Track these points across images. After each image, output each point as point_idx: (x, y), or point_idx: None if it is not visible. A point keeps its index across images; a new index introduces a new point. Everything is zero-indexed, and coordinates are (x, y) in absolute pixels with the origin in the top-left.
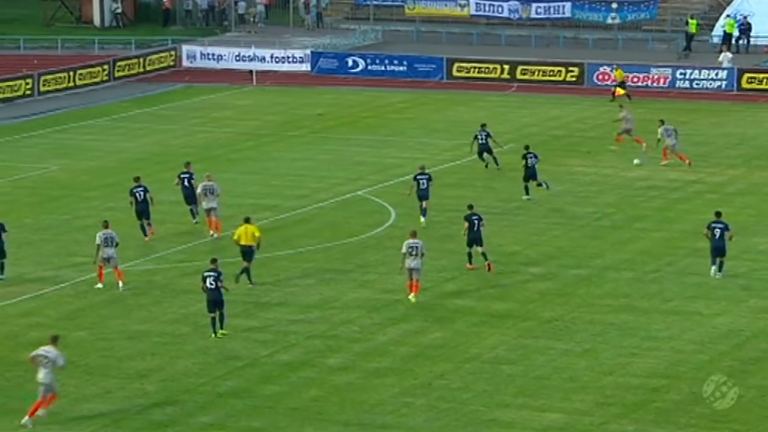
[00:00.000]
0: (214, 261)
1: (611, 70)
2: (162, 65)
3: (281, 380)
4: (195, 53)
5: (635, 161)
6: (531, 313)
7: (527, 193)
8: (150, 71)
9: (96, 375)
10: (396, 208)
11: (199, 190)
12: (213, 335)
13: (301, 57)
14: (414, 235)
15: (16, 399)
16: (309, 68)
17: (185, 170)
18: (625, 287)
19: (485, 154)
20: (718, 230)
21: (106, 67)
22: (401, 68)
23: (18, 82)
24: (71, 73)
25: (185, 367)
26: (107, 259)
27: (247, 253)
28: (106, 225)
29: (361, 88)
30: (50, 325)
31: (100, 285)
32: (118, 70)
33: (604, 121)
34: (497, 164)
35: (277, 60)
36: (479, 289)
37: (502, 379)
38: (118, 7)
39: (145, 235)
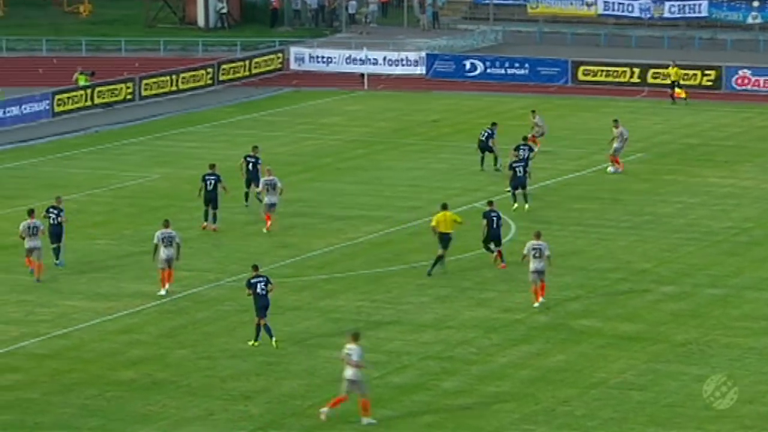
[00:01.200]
0: (256, 267)
1: (669, 67)
2: (268, 68)
3: (393, 404)
4: (303, 55)
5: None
6: (662, 335)
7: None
8: (256, 75)
9: (198, 396)
10: (516, 221)
11: (260, 186)
12: (254, 342)
13: (415, 60)
14: (538, 236)
15: (115, 420)
16: (424, 71)
17: (252, 153)
18: (765, 308)
19: (486, 153)
20: None
21: (210, 70)
22: (522, 72)
23: (119, 86)
24: (174, 77)
25: (291, 389)
26: (167, 261)
27: (446, 239)
28: (166, 224)
29: (479, 92)
30: (151, 342)
31: (162, 291)
32: (222, 74)
33: (743, 129)
34: (497, 164)
35: (389, 63)
36: (606, 308)
37: (631, 407)
38: (223, 7)
39: (205, 220)
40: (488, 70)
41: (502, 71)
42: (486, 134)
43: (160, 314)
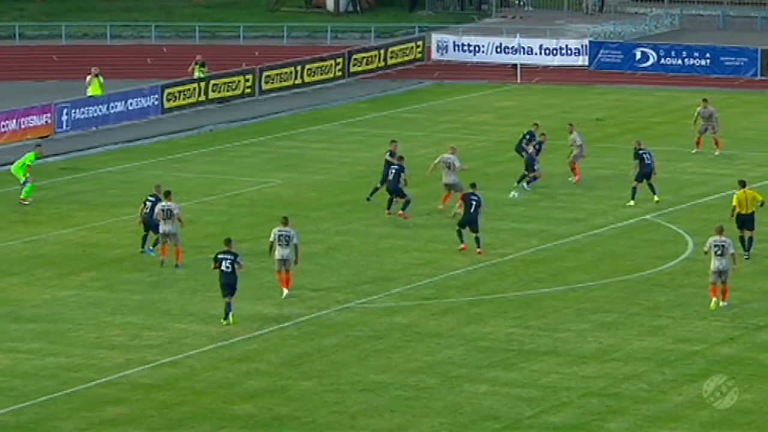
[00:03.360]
0: (228, 242)
1: None
2: (407, 58)
3: None
4: (447, 44)
5: (512, 194)
6: None
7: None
8: (392, 66)
9: None
10: (694, 236)
11: (437, 160)
12: (224, 321)
13: (576, 48)
14: (720, 231)
15: None
16: (587, 62)
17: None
18: None
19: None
20: None
21: (339, 60)
22: (703, 62)
23: (236, 78)
24: (299, 68)
25: (431, 428)
26: (283, 261)
27: (747, 221)
28: (285, 221)
29: (651, 86)
30: (272, 372)
31: (285, 292)
32: (354, 65)
33: None
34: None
35: (547, 52)
36: None
37: None
38: None
39: (388, 208)
40: (662, 61)
41: (679, 62)
42: (526, 138)
43: (282, 340)
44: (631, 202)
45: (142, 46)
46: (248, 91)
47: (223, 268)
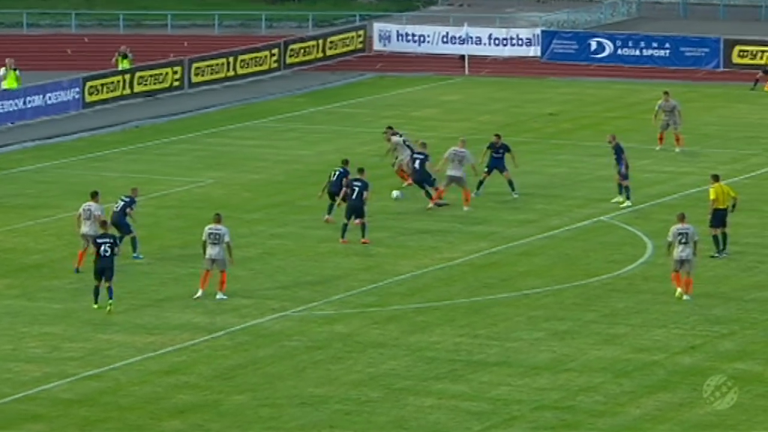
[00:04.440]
0: (104, 224)
1: None
2: (347, 49)
3: None
4: (390, 33)
5: (394, 193)
6: None
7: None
8: (331, 57)
9: None
10: (653, 238)
11: (446, 154)
12: (95, 305)
13: (528, 38)
14: (682, 218)
15: None
16: (539, 53)
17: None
18: None
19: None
20: None
21: (275, 51)
22: (662, 53)
23: (164, 71)
24: (231, 60)
25: None
26: (212, 261)
27: (724, 216)
28: (217, 219)
29: (607, 79)
30: (203, 385)
31: (199, 293)
32: (290, 56)
33: None
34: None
35: (496, 42)
36: None
37: None
38: None
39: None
40: (619, 51)
41: (637, 52)
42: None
43: (214, 351)
44: (628, 202)
45: (61, 35)
46: (176, 84)
47: (101, 252)
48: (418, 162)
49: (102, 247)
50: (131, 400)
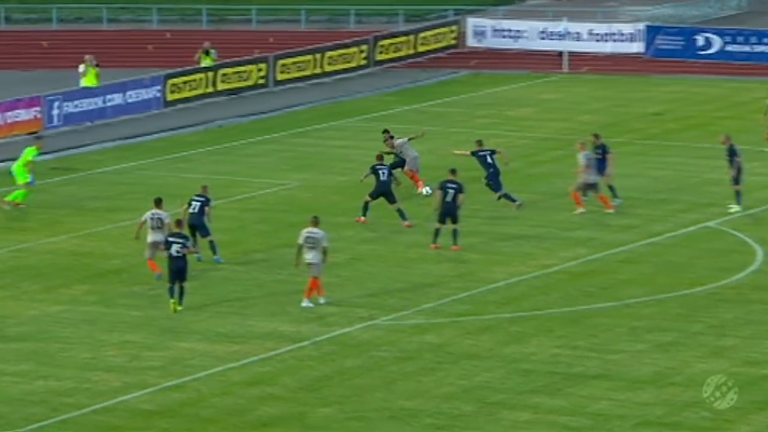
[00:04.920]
0: (178, 223)
1: None
2: (439, 45)
3: None
4: (485, 29)
5: (424, 190)
6: None
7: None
8: (423, 53)
9: None
10: (764, 245)
11: (583, 161)
12: (173, 307)
13: (631, 33)
14: None
15: None
16: (642, 49)
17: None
18: None
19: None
20: None
21: (364, 48)
22: None
23: (248, 68)
24: (318, 57)
25: None
26: (311, 266)
27: None
28: (314, 222)
29: (715, 77)
30: (287, 397)
31: (305, 303)
32: (380, 52)
33: None
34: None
35: (597, 38)
36: None
37: None
38: None
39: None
40: (728, 47)
41: (747, 48)
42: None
43: (299, 361)
44: (738, 207)
45: (142, 31)
46: (261, 81)
47: (173, 252)
48: (384, 173)
49: (173, 247)
50: (213, 412)
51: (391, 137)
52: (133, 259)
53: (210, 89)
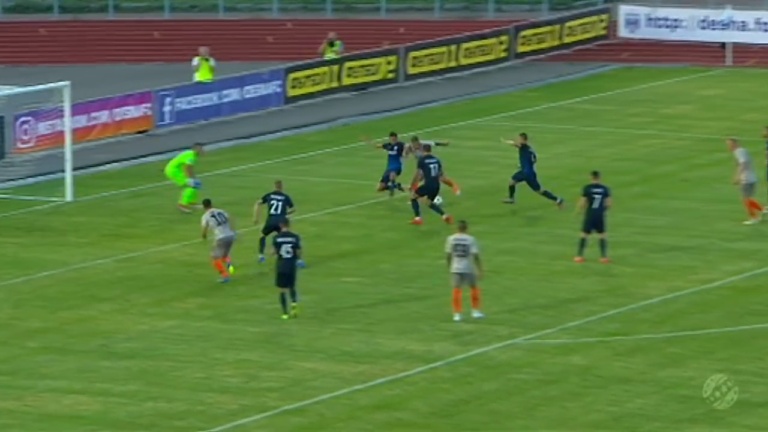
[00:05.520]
0: (285, 222)
1: None
2: (588, 36)
3: None
4: (638, 17)
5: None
6: None
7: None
8: (569, 45)
9: None
10: None
11: (742, 158)
12: (284, 316)
13: None
14: None
15: None
16: None
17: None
18: None
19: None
20: None
21: (504, 38)
22: None
23: (376, 61)
24: (452, 48)
25: None
26: (461, 275)
27: None
28: (462, 227)
29: None
30: (419, 423)
31: (456, 317)
32: (521, 44)
33: None
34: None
35: (765, 27)
36: None
37: None
38: None
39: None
40: None
41: None
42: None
43: (431, 384)
44: None
45: (261, 20)
46: (390, 76)
47: (283, 253)
48: (435, 168)
49: (283, 248)
50: None
51: (417, 140)
52: (249, 270)
53: (334, 84)
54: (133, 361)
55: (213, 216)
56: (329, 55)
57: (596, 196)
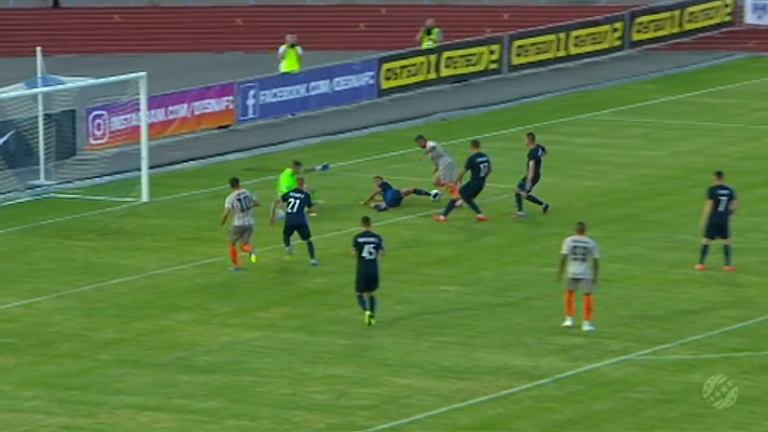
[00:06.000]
0: (366, 221)
1: None
2: (710, 22)
3: None
4: (766, 2)
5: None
6: None
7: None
8: (690, 32)
9: None
10: None
11: None
12: (368, 321)
13: None
14: None
15: None
16: None
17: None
18: None
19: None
20: None
21: (617, 25)
22: None
23: (477, 50)
24: (561, 37)
25: None
26: (576, 281)
27: None
28: (580, 229)
29: None
30: None
31: (568, 322)
32: (637, 31)
33: None
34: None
35: None
36: None
37: None
38: None
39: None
40: None
41: None
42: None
43: (537, 402)
44: None
45: (352, 6)
46: (493, 66)
47: (366, 254)
48: (485, 167)
49: (365, 248)
50: None
51: (423, 138)
52: (340, 277)
53: (432, 75)
54: (213, 375)
55: (239, 200)
56: (426, 44)
57: (722, 198)
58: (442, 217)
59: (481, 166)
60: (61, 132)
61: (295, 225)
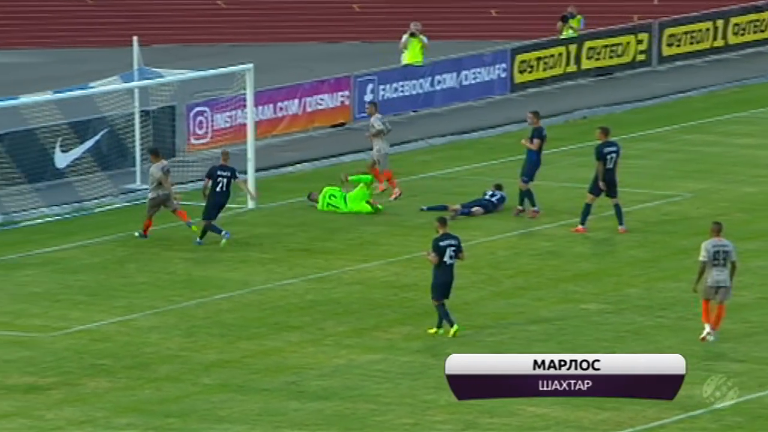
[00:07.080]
0: (442, 222)
1: None
2: None
3: None
4: None
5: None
6: None
7: None
8: None
9: None
10: None
11: None
12: (438, 330)
13: None
14: None
15: None
16: None
17: None
18: None
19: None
20: None
21: None
22: None
23: (623, 39)
24: (719, 24)
25: None
26: (716, 289)
27: None
28: (717, 230)
29: None
30: None
31: (707, 331)
32: None
33: None
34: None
35: None
36: None
37: None
38: None
39: None
40: None
41: None
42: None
43: None
44: None
45: None
46: (641, 58)
47: (447, 258)
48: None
49: (447, 252)
50: None
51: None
52: (468, 293)
53: (572, 68)
54: (326, 402)
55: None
56: (566, 33)
57: (610, 156)
58: (580, 227)
59: (608, 156)
60: (159, 130)
61: (223, 205)
